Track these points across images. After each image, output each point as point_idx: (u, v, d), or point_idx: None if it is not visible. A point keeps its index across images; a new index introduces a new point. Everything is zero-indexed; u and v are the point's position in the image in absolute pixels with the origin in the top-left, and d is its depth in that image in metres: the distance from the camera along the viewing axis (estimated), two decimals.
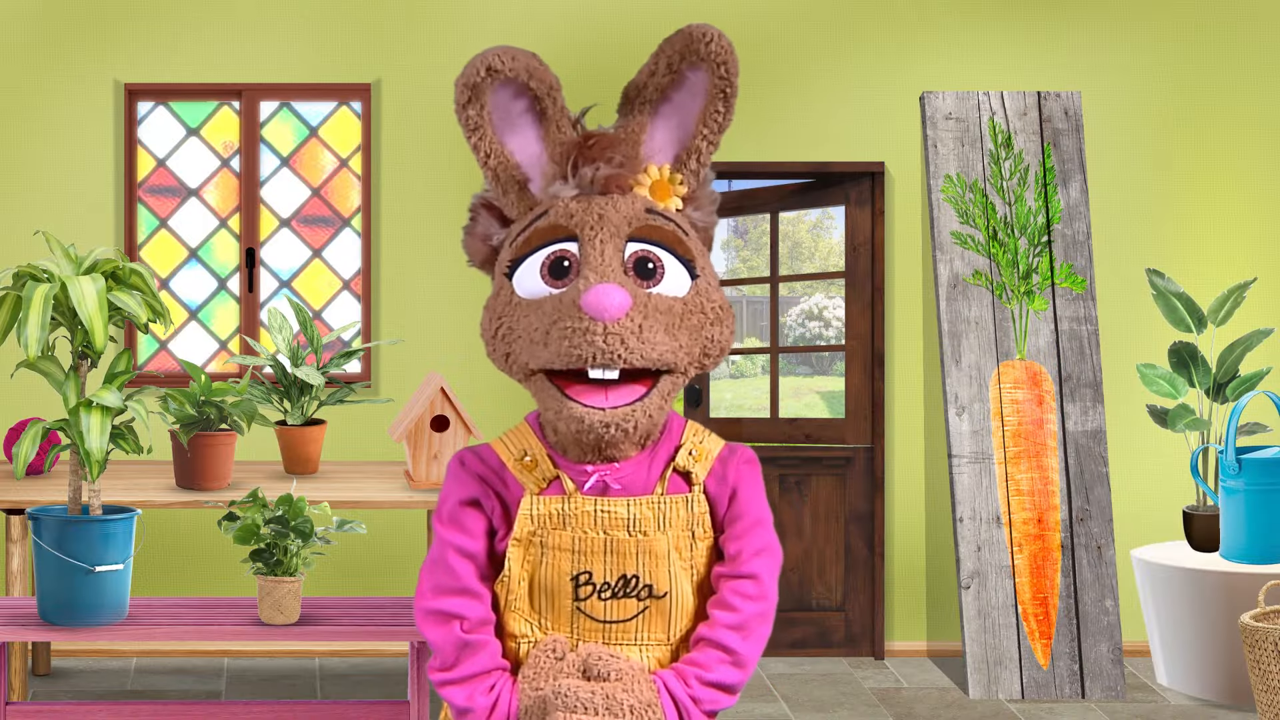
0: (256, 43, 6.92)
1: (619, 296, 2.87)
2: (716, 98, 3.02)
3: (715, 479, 3.06)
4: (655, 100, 3.04)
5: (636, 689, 2.95)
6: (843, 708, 6.28)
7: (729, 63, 3.00)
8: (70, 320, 4.36)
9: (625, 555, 3.01)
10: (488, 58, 2.98)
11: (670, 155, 3.07)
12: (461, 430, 5.83)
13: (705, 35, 2.98)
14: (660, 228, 2.99)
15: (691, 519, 3.04)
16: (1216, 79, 7.02)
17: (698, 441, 3.08)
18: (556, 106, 3.03)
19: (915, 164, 6.97)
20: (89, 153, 6.90)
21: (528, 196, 3.05)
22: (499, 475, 3.04)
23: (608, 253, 2.94)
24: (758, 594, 3.04)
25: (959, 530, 6.53)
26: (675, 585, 3.03)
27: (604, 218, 2.97)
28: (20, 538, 5.80)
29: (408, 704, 4.66)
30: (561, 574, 3.01)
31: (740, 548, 3.05)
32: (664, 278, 2.97)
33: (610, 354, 2.86)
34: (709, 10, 6.92)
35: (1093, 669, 6.46)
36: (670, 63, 3.01)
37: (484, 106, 3.01)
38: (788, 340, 7.31)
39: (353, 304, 7.09)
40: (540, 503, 3.01)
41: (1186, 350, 6.62)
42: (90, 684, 6.44)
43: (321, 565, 6.78)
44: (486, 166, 3.05)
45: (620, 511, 3.00)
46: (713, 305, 3.00)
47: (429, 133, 6.92)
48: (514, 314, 2.98)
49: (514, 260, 3.00)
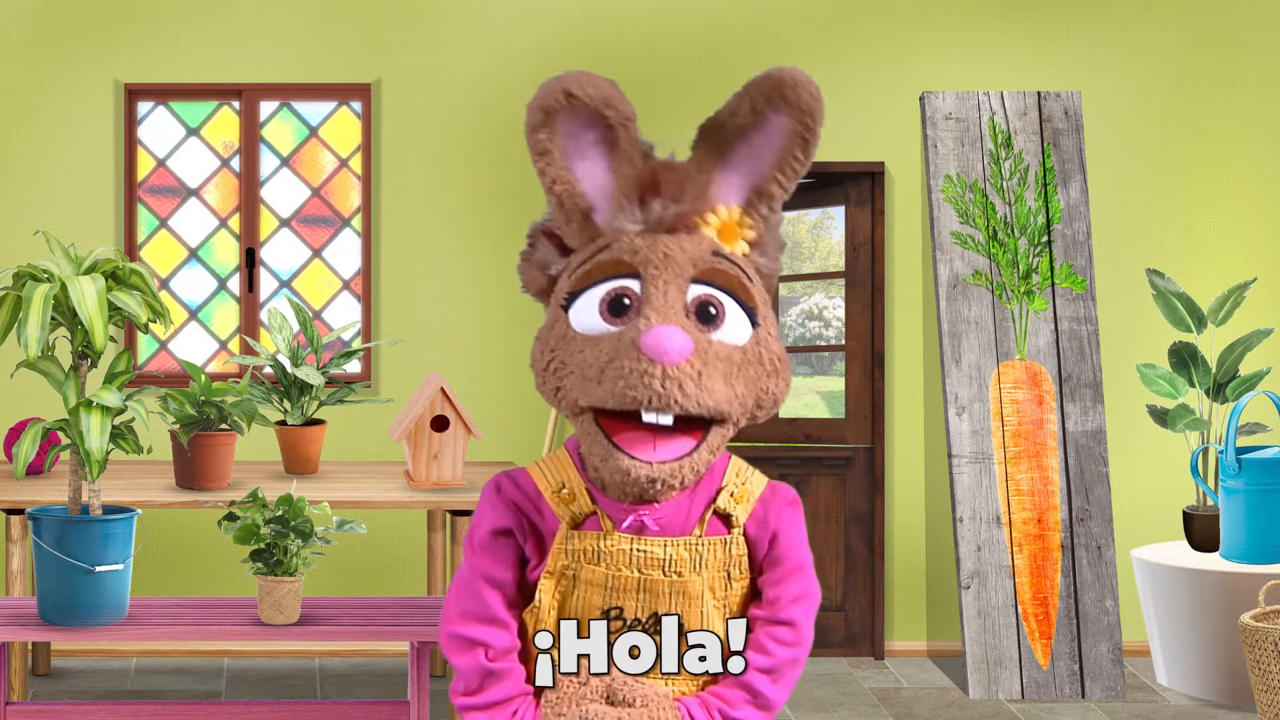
0: (256, 43, 6.92)
1: (681, 340, 2.80)
2: (796, 144, 2.94)
3: (756, 521, 3.01)
4: (733, 139, 2.95)
5: (660, 714, 2.93)
6: (843, 708, 6.28)
7: (815, 112, 2.93)
8: (70, 320, 4.36)
9: (658, 595, 2.96)
10: (566, 82, 2.90)
11: (741, 197, 2.99)
12: (461, 430, 5.83)
13: (794, 81, 2.91)
14: (725, 271, 2.92)
15: (729, 560, 2.99)
16: (1216, 79, 7.02)
17: (740, 482, 3.01)
18: (629, 137, 2.94)
19: (915, 164, 6.97)
20: (89, 153, 6.90)
21: (591, 227, 2.97)
22: (535, 505, 2.98)
23: (671, 294, 2.87)
24: (793, 640, 3.01)
25: (959, 530, 6.53)
26: (707, 625, 2.98)
27: (669, 257, 2.89)
28: (20, 538, 5.80)
29: (408, 704, 4.65)
30: (592, 608, 2.96)
31: (780, 594, 3.00)
32: (725, 324, 2.91)
33: (667, 398, 2.79)
34: (709, 11, 6.92)
35: (1093, 669, 6.46)
36: (755, 104, 2.93)
37: (555, 132, 2.92)
38: (788, 340, 7.32)
39: (353, 304, 7.09)
40: (575, 537, 2.96)
41: (1186, 350, 6.62)
42: (90, 684, 6.44)
43: (321, 565, 6.78)
44: (551, 193, 2.95)
45: (656, 552, 2.94)
46: (771, 356, 2.95)
47: (429, 133, 6.92)
48: (568, 348, 2.90)
49: (572, 293, 2.92)
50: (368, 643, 6.61)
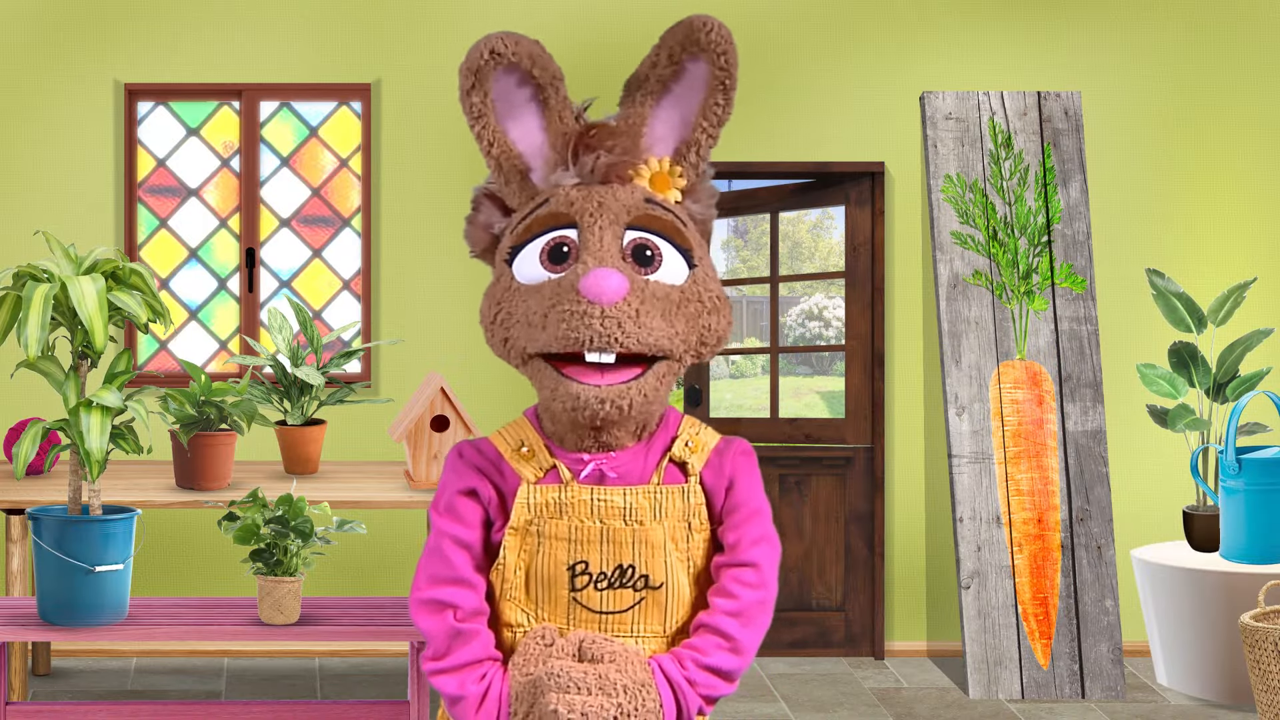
0: (256, 43, 6.92)
1: (616, 280, 2.89)
2: (716, 89, 3.04)
3: (712, 470, 3.08)
4: (656, 92, 3.06)
5: (630, 669, 2.95)
6: (843, 708, 6.28)
7: (728, 53, 3.02)
8: (70, 320, 4.36)
9: (621, 545, 3.01)
10: (491, 41, 3.02)
11: (670, 147, 3.09)
12: (461, 430, 5.83)
13: (705, 25, 3.00)
14: (659, 217, 3.01)
15: (688, 510, 3.05)
16: (1216, 79, 7.02)
17: (694, 433, 3.10)
18: (559, 96, 3.05)
19: (915, 164, 6.97)
20: (89, 153, 6.90)
21: (529, 186, 3.07)
22: (496, 466, 3.05)
23: (606, 239, 2.96)
24: (757, 581, 3.05)
25: (959, 530, 6.53)
26: (671, 577, 3.03)
27: (604, 205, 2.99)
28: (20, 538, 5.80)
29: (408, 704, 4.66)
30: (558, 563, 3.01)
31: (739, 537, 3.06)
32: (662, 266, 2.99)
33: (607, 337, 2.88)
34: (709, 11, 6.92)
35: (1093, 669, 6.46)
36: (671, 53, 3.03)
37: (487, 94, 3.05)
38: (788, 340, 7.31)
39: (353, 304, 7.09)
40: (537, 491, 3.02)
41: (1186, 350, 6.63)
42: (90, 684, 6.44)
43: (321, 565, 6.78)
44: (489, 155, 3.07)
45: (616, 500, 3.01)
46: (710, 295, 3.02)
47: (429, 133, 6.92)
48: (513, 299, 2.99)
49: (514, 247, 3.02)
50: (368, 643, 6.61)
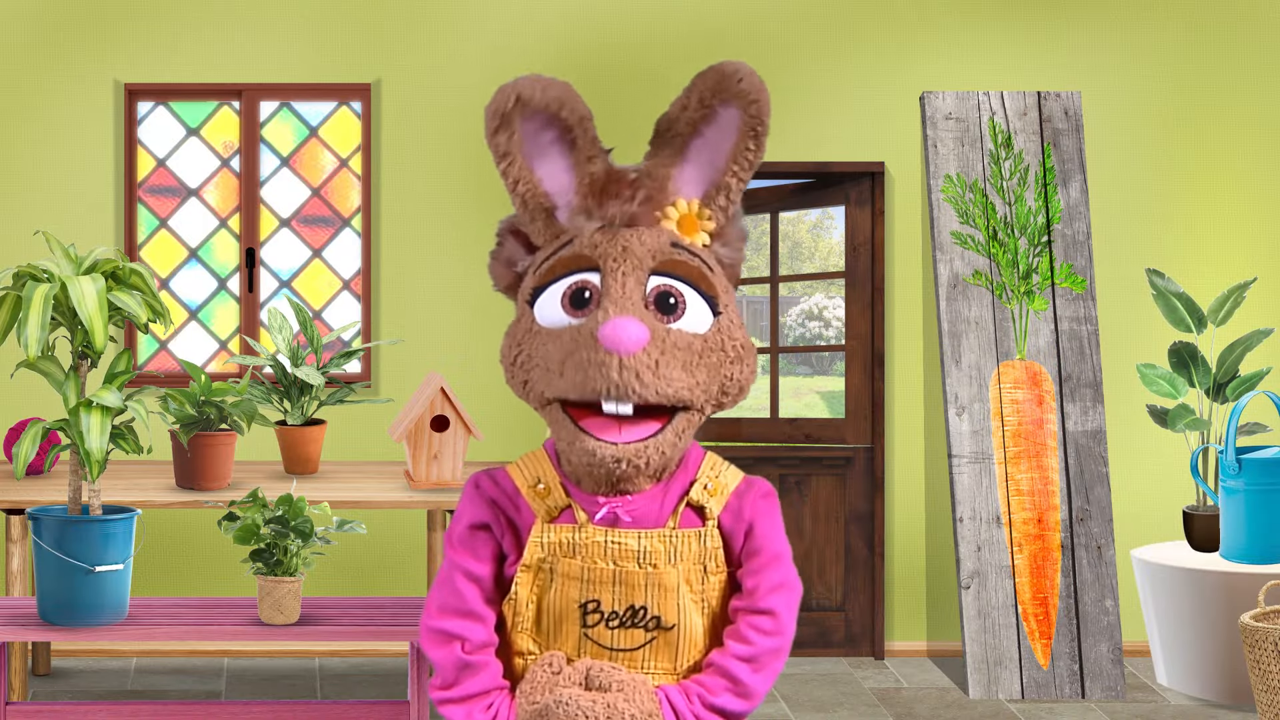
0: (256, 43, 6.92)
1: (636, 330, 2.85)
2: (747, 135, 3.01)
3: (730, 514, 3.04)
4: (686, 134, 3.01)
5: (638, 699, 2.94)
6: (843, 708, 6.28)
7: (760, 101, 2.99)
8: (70, 320, 4.36)
9: (634, 586, 2.99)
10: (518, 86, 2.95)
11: (699, 190, 3.04)
12: (461, 430, 5.83)
13: (737, 73, 2.97)
14: (684, 263, 2.97)
15: (704, 553, 3.02)
16: (1216, 79, 7.02)
17: (714, 475, 3.05)
18: (587, 137, 3.00)
19: (915, 164, 6.97)
20: (89, 153, 6.90)
21: (554, 225, 3.02)
22: (512, 500, 3.03)
23: (629, 285, 2.92)
24: (773, 629, 3.03)
25: (959, 530, 6.53)
26: (684, 618, 3.01)
27: (628, 250, 2.95)
28: (20, 538, 5.80)
29: (407, 704, 4.66)
30: (569, 601, 3.00)
31: (758, 583, 3.03)
32: (685, 313, 2.94)
33: (624, 388, 2.85)
34: (709, 11, 6.92)
35: (1093, 669, 6.46)
36: (702, 98, 2.99)
37: (514, 134, 2.98)
38: (788, 340, 7.31)
39: (353, 304, 7.09)
40: (551, 531, 3.00)
41: (1186, 350, 6.63)
42: (90, 684, 6.44)
43: (321, 565, 6.78)
44: (515, 193, 3.02)
45: (631, 544, 2.98)
46: (734, 343, 2.98)
47: (429, 133, 6.92)
48: (533, 342, 2.96)
49: (536, 288, 2.98)
50: (368, 643, 6.61)
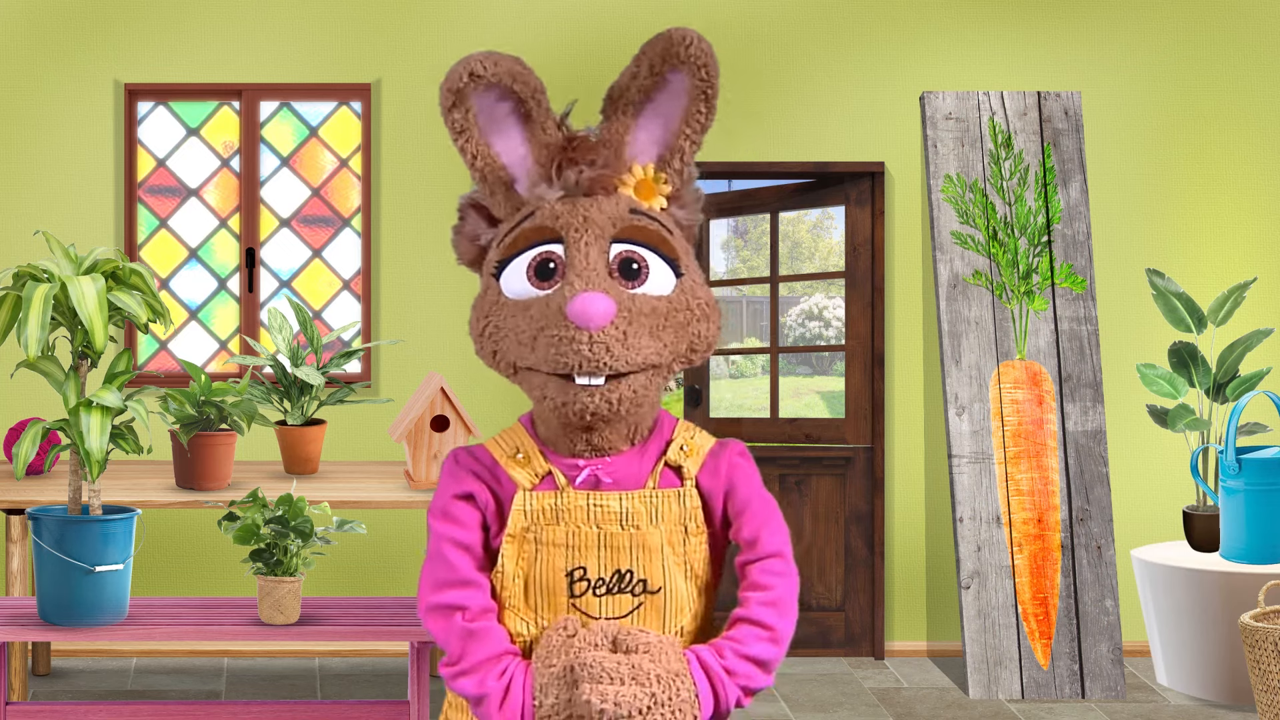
0: (256, 43, 6.92)
1: (603, 304, 2.91)
2: (698, 99, 3.06)
3: (708, 474, 3.08)
4: (638, 102, 3.08)
5: (664, 659, 2.95)
6: (843, 708, 6.28)
7: (709, 65, 3.05)
8: (70, 320, 4.36)
9: (619, 550, 3.02)
10: (470, 63, 3.04)
11: (654, 155, 3.11)
12: (461, 430, 5.83)
13: (685, 39, 3.03)
14: (644, 228, 3.03)
15: (684, 513, 3.06)
16: (1216, 79, 7.02)
17: (689, 437, 3.10)
18: (541, 109, 3.07)
19: (915, 164, 6.97)
20: (89, 153, 6.90)
21: (514, 197, 3.09)
22: (492, 472, 3.06)
23: (592, 255, 2.98)
24: (786, 570, 3.07)
25: (959, 530, 6.53)
26: (669, 580, 3.04)
27: (589, 219, 3.00)
28: (20, 538, 5.80)
29: (408, 704, 4.66)
30: (556, 570, 3.02)
31: (756, 531, 3.07)
32: (648, 277, 3.00)
33: (596, 362, 2.91)
34: (707, 10, 6.92)
35: (1093, 669, 6.46)
36: (652, 65, 3.05)
37: (469, 110, 3.07)
38: (788, 340, 7.32)
39: (353, 304, 7.09)
40: (533, 498, 3.03)
41: (1186, 350, 6.63)
42: (90, 684, 6.44)
43: (321, 565, 6.78)
44: (474, 168, 3.09)
45: (613, 505, 3.02)
46: (698, 302, 3.04)
47: (429, 133, 6.92)
48: (501, 314, 3.02)
49: (501, 261, 3.04)
50: (368, 643, 6.61)
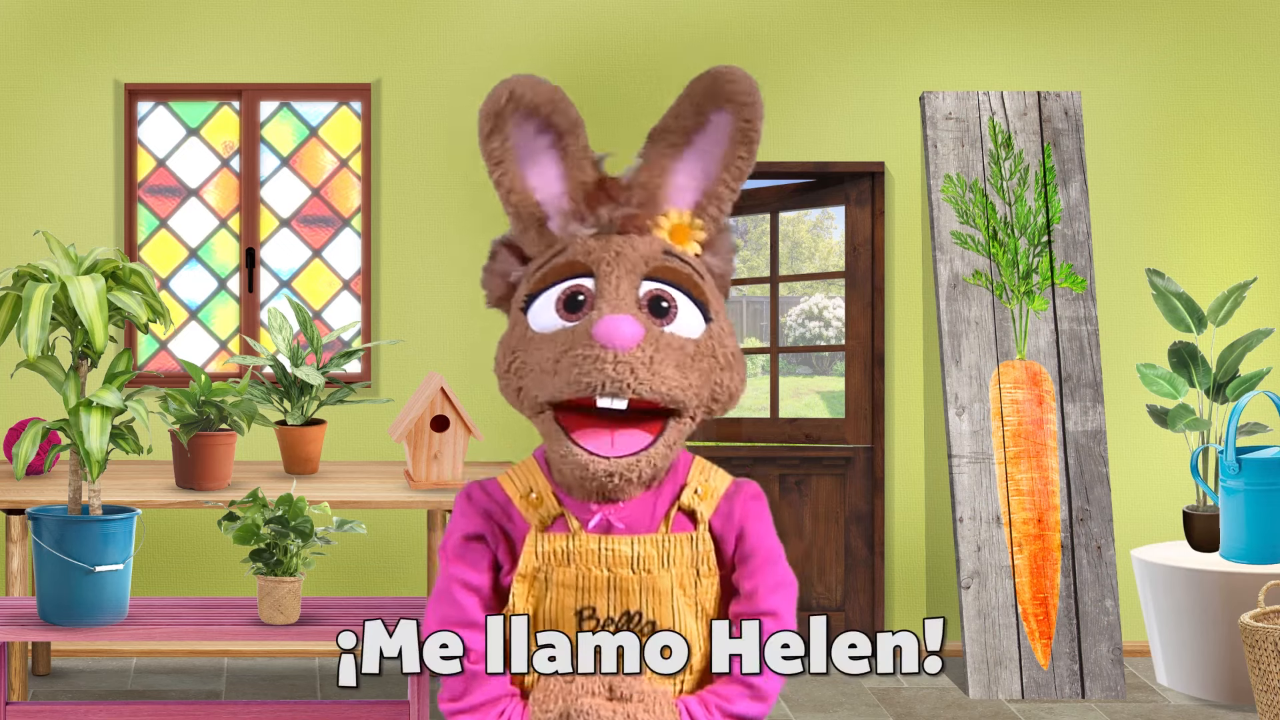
0: (256, 43, 6.92)
1: (630, 326, 2.87)
2: (740, 142, 3.01)
3: (721, 517, 3.06)
4: (679, 144, 3.02)
5: (657, 709, 2.96)
6: (843, 708, 6.28)
7: (753, 105, 2.98)
8: (70, 320, 4.36)
9: (629, 592, 3.01)
10: (511, 84, 2.97)
11: (691, 199, 3.05)
12: (461, 430, 5.83)
13: (731, 76, 2.97)
14: (677, 269, 2.98)
15: (696, 557, 3.04)
16: (1216, 79, 7.02)
17: (703, 480, 3.07)
18: (579, 144, 3.01)
19: (915, 164, 6.97)
20: (89, 153, 6.90)
21: (547, 234, 3.03)
22: (505, 510, 3.04)
23: (623, 288, 2.94)
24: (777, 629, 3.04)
25: (959, 530, 6.53)
26: (679, 622, 3.03)
27: (621, 255, 2.96)
28: (20, 538, 5.80)
29: (408, 704, 4.66)
30: (565, 609, 3.01)
31: (756, 585, 3.05)
32: (677, 318, 2.96)
33: (620, 382, 2.86)
34: (708, 11, 6.92)
35: (1093, 669, 6.46)
36: (696, 104, 2.99)
37: (506, 139, 2.99)
38: (788, 340, 7.31)
39: (353, 304, 7.09)
40: (545, 540, 3.01)
41: (1186, 350, 6.63)
42: (90, 684, 6.44)
43: (321, 565, 6.78)
44: (508, 202, 3.03)
45: (624, 550, 3.00)
46: (724, 350, 2.99)
47: (429, 133, 6.92)
48: (527, 347, 2.97)
49: (530, 295, 2.99)
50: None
